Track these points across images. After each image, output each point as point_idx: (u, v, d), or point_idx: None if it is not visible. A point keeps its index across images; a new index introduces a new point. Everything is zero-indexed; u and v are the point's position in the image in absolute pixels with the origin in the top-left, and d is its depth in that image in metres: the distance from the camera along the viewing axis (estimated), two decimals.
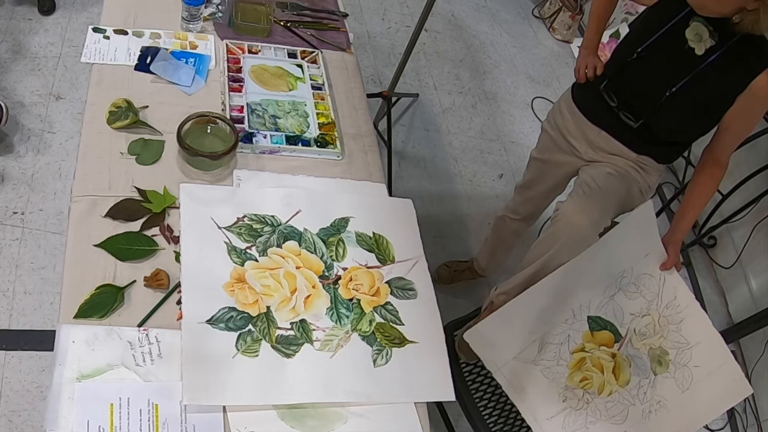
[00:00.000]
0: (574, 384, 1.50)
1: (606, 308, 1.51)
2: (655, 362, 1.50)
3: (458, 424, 1.85)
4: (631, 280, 1.50)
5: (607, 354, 1.51)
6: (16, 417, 1.65)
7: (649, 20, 1.49)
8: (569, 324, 1.50)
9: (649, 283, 1.51)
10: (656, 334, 1.50)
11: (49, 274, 1.92)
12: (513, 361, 1.49)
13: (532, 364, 1.49)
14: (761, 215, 2.48)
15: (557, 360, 1.50)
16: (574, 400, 1.49)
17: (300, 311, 1.19)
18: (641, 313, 1.51)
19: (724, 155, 1.49)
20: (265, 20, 1.68)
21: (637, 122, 1.52)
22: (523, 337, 1.49)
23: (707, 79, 1.39)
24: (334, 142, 1.48)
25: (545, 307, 1.48)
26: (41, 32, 2.57)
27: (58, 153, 2.22)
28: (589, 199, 1.53)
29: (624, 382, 1.50)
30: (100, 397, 0.98)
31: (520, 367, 1.49)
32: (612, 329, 1.51)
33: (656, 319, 1.50)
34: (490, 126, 3.02)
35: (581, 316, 1.50)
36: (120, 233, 1.18)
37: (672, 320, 1.50)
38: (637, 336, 1.50)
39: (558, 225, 1.51)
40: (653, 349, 1.50)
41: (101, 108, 1.35)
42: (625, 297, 1.50)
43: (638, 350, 1.50)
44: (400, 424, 1.11)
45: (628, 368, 1.50)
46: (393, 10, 3.40)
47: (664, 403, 1.48)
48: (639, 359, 1.50)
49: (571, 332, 1.50)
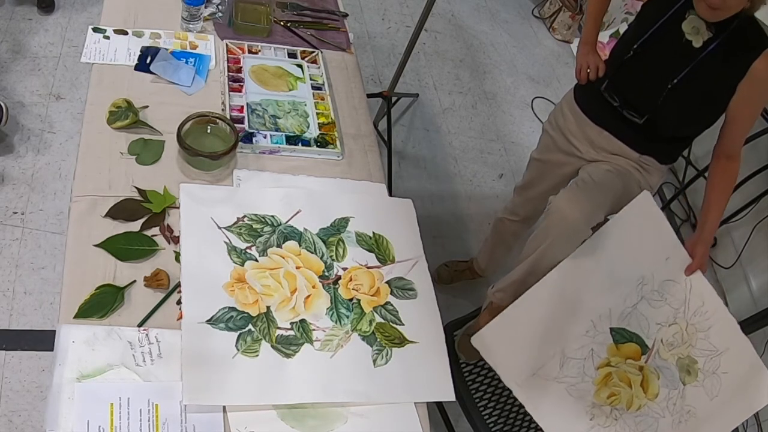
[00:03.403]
0: (601, 401, 1.42)
1: (630, 319, 1.44)
2: (683, 372, 1.44)
3: (458, 424, 1.84)
4: (654, 288, 1.44)
5: (634, 367, 1.44)
6: (16, 417, 1.65)
7: (644, 17, 1.49)
8: (591, 337, 1.43)
9: (674, 290, 1.44)
10: (684, 343, 1.44)
11: (49, 274, 1.92)
12: (533, 377, 1.41)
13: (555, 381, 1.42)
14: (761, 215, 2.47)
15: (582, 377, 1.43)
16: (602, 418, 1.41)
17: (300, 311, 1.19)
18: (668, 322, 1.45)
19: (735, 148, 1.48)
20: (265, 20, 1.68)
21: (642, 119, 1.51)
22: (539, 349, 1.42)
23: (707, 69, 1.39)
24: (334, 142, 1.48)
25: (555, 312, 1.41)
26: (41, 32, 2.57)
27: (58, 153, 2.21)
28: (583, 193, 1.51)
29: (653, 395, 1.44)
30: (100, 397, 0.98)
31: (542, 384, 1.41)
32: (638, 341, 1.44)
33: (684, 328, 1.44)
34: (490, 126, 3.02)
35: (603, 327, 1.43)
36: (120, 233, 1.18)
37: (700, 327, 1.44)
38: (664, 346, 1.44)
39: (550, 218, 1.48)
40: (681, 358, 1.44)
41: (101, 108, 1.35)
42: (650, 306, 1.44)
43: (666, 361, 1.45)
44: (400, 424, 1.11)
45: (657, 380, 1.44)
46: (393, 10, 3.40)
47: (694, 412, 1.42)
48: (667, 370, 1.44)
49: (594, 346, 1.43)
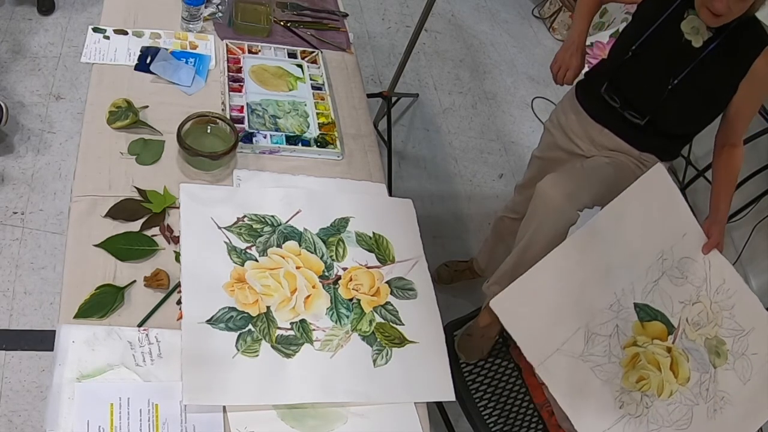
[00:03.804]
0: (629, 386, 1.33)
1: (653, 295, 1.38)
2: (713, 354, 1.38)
3: (458, 424, 1.84)
4: (674, 264, 1.39)
5: (661, 348, 1.36)
6: (16, 417, 1.65)
7: (640, 17, 1.48)
8: (615, 311, 1.35)
9: (693, 268, 1.40)
10: (710, 322, 1.38)
11: (49, 274, 1.92)
12: (556, 354, 1.30)
13: (581, 359, 1.32)
14: (761, 215, 2.47)
15: (608, 356, 1.33)
16: (632, 405, 1.31)
17: (300, 311, 1.19)
18: (691, 301, 1.39)
19: (737, 138, 1.48)
20: (265, 20, 1.68)
21: (644, 120, 1.51)
22: (562, 319, 1.33)
23: (707, 69, 1.39)
24: (334, 142, 1.48)
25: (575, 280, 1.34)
26: (41, 32, 2.57)
27: (58, 153, 2.21)
28: (567, 174, 1.52)
29: (684, 379, 1.35)
30: (100, 397, 0.98)
31: (566, 362, 1.31)
32: (663, 320, 1.37)
33: (708, 306, 1.39)
34: (490, 126, 3.02)
35: (627, 302, 1.36)
36: (120, 233, 1.18)
37: (724, 306, 1.39)
38: (690, 326, 1.38)
39: (534, 202, 1.48)
40: (709, 339, 1.38)
41: (101, 108, 1.35)
42: (671, 283, 1.38)
43: (694, 342, 1.37)
44: (400, 424, 1.11)
45: (686, 363, 1.36)
46: (393, 10, 3.40)
47: (728, 398, 1.35)
48: (696, 352, 1.37)
49: (618, 322, 1.35)
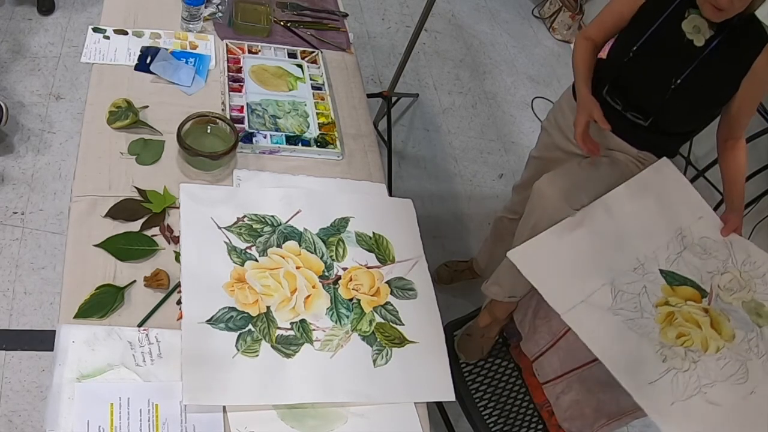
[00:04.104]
0: (669, 341, 1.28)
1: (678, 264, 1.37)
2: (753, 315, 1.35)
3: (458, 424, 1.84)
4: (695, 241, 1.40)
5: (698, 309, 1.33)
6: (16, 417, 1.65)
7: (639, 18, 1.48)
8: (640, 274, 1.34)
9: (715, 246, 1.41)
10: (743, 288, 1.37)
11: (49, 274, 1.92)
12: (582, 304, 1.28)
13: (610, 312, 1.29)
14: (761, 215, 2.47)
15: (641, 312, 1.30)
16: (677, 360, 1.26)
17: (300, 311, 1.19)
18: (719, 271, 1.38)
19: (741, 132, 1.49)
20: (265, 20, 1.68)
21: (647, 120, 1.51)
22: (585, 276, 1.32)
23: (710, 68, 1.40)
24: (334, 142, 1.48)
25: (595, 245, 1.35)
26: (41, 32, 2.57)
27: (58, 153, 2.22)
28: (564, 172, 1.52)
29: (729, 336, 1.30)
30: (100, 397, 0.98)
31: (595, 312, 1.29)
32: (693, 285, 1.36)
33: (738, 275, 1.39)
34: (490, 126, 3.02)
35: (651, 267, 1.35)
36: (120, 233, 1.18)
37: (755, 274, 1.39)
38: (723, 291, 1.36)
39: (531, 201, 1.49)
40: (746, 302, 1.35)
41: (101, 108, 1.35)
42: (695, 257, 1.38)
43: (731, 304, 1.35)
44: (400, 424, 1.11)
45: (728, 322, 1.32)
46: (393, 10, 3.40)
47: None
48: (735, 313, 1.33)
49: (646, 283, 1.33)
